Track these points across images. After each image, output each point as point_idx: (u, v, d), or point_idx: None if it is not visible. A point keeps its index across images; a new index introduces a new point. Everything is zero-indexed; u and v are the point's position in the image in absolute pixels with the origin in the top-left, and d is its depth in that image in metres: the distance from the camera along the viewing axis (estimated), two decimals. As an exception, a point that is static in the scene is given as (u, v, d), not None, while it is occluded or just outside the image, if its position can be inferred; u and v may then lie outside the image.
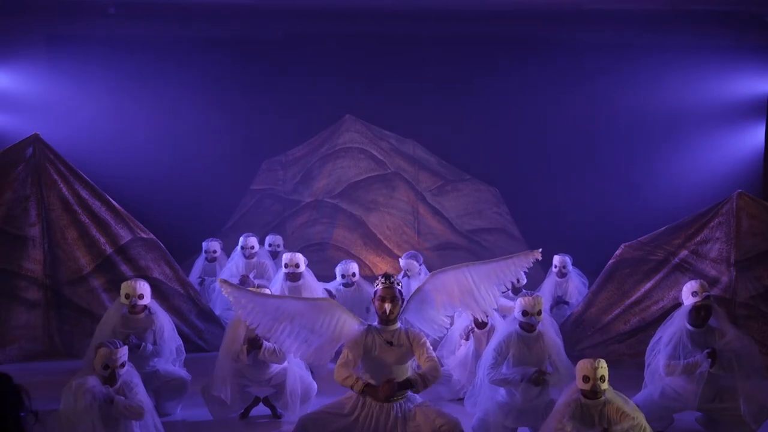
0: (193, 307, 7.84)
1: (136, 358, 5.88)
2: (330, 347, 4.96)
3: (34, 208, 7.58)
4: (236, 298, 4.91)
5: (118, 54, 9.58)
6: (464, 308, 5.18)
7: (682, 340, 5.75)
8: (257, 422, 6.17)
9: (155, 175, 9.54)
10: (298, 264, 7.38)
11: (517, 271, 5.11)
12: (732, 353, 5.66)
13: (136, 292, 6.01)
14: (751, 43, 9.54)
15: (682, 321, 5.81)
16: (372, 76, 9.91)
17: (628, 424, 4.58)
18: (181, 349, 6.35)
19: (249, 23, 9.79)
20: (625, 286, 7.48)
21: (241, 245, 8.31)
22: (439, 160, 10.21)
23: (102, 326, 6.10)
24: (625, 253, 7.52)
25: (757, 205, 7.36)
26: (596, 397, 4.69)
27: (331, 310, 4.92)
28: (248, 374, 6.00)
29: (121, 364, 4.91)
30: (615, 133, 9.91)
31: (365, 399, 4.81)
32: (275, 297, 5.64)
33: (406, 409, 4.80)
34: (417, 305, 5.03)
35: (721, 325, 5.82)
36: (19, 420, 2.95)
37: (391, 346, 4.77)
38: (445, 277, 5.04)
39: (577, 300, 8.06)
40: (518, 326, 5.61)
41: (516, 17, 9.52)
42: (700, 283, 5.89)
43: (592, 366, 4.69)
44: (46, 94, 9.50)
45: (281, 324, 4.88)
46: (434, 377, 4.76)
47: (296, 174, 10.16)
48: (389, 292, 4.83)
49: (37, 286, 7.60)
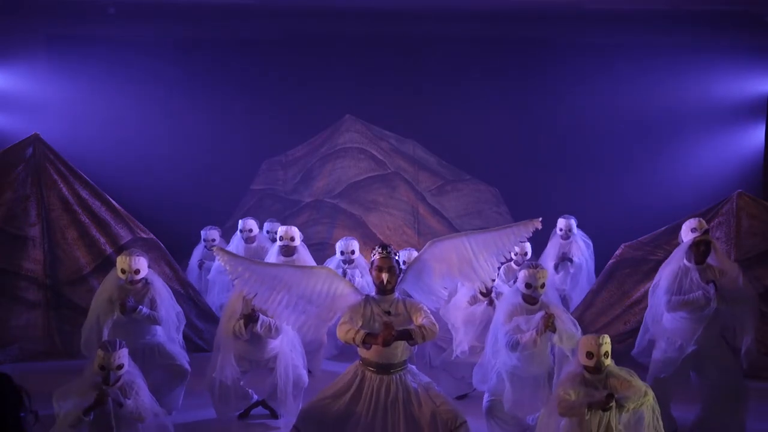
0: (192, 307, 7.85)
1: (136, 326, 5.88)
2: (327, 317, 4.91)
3: (34, 208, 7.58)
4: (233, 266, 4.83)
5: (118, 54, 9.57)
6: (463, 279, 5.11)
7: (682, 276, 5.74)
8: (257, 422, 6.17)
9: (155, 175, 9.54)
10: (293, 237, 7.32)
11: (517, 240, 5.05)
12: (732, 292, 5.68)
13: (131, 268, 5.97)
14: (751, 43, 9.53)
15: (681, 259, 5.81)
16: (372, 76, 9.90)
17: (631, 391, 4.56)
18: (181, 316, 6.33)
19: (249, 23, 9.77)
20: (625, 286, 7.49)
21: (240, 228, 8.28)
22: (439, 160, 10.20)
23: (98, 296, 6.09)
24: (625, 253, 7.52)
25: (757, 205, 7.37)
26: (599, 373, 4.68)
27: (329, 278, 4.87)
28: (247, 353, 5.99)
29: (117, 366, 4.90)
30: (615, 133, 9.90)
31: (364, 373, 4.79)
32: (272, 265, 5.55)
33: (407, 383, 4.77)
34: (415, 275, 4.98)
35: (721, 263, 5.83)
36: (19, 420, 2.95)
37: (389, 315, 4.74)
38: (444, 245, 4.98)
39: (581, 260, 8.11)
40: (521, 298, 5.57)
41: (516, 18, 9.51)
42: (698, 219, 5.93)
43: (596, 342, 4.66)
44: (46, 94, 9.49)
45: (279, 294, 4.83)
46: (432, 331, 4.68)
47: (296, 174, 10.15)
48: (386, 262, 4.80)
49: (37, 286, 7.60)
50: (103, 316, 5.95)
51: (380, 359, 4.74)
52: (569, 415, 4.60)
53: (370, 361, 4.77)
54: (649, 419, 4.63)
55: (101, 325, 5.94)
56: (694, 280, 5.69)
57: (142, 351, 5.98)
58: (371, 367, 4.77)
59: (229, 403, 6.06)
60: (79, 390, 4.80)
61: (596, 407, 4.51)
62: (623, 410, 4.54)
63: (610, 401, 4.49)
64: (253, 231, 8.30)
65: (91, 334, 5.99)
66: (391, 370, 4.76)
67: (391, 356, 4.74)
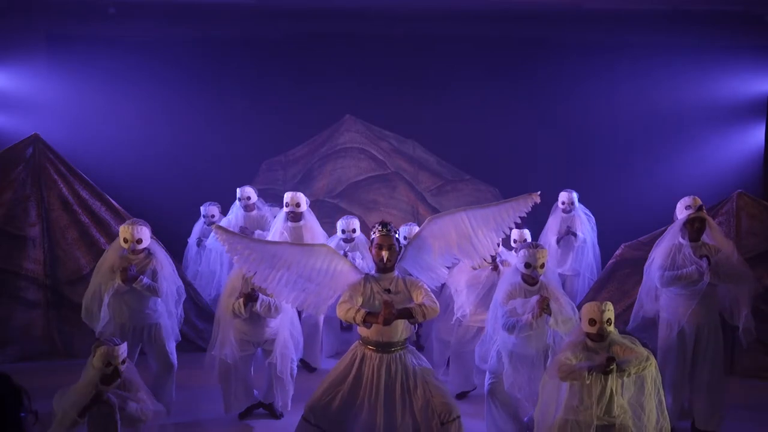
0: (192, 307, 7.84)
1: (136, 297, 5.86)
2: (327, 295, 4.90)
3: (34, 208, 7.58)
4: (231, 244, 4.81)
5: (118, 54, 9.56)
6: (462, 255, 5.08)
7: (675, 252, 5.78)
8: (257, 422, 6.17)
9: (155, 175, 9.53)
10: (299, 203, 7.34)
11: (516, 215, 5.02)
12: (727, 269, 5.71)
13: (134, 237, 5.94)
14: (751, 43, 9.53)
15: (675, 236, 5.82)
16: (372, 76, 9.90)
17: (633, 356, 4.54)
18: (181, 290, 6.32)
19: (249, 23, 9.77)
20: (625, 286, 7.48)
21: (238, 196, 8.23)
22: (439, 160, 10.20)
23: (100, 265, 6.08)
24: (625, 253, 7.52)
25: (757, 205, 7.38)
26: (602, 340, 4.65)
27: (329, 256, 4.86)
28: (246, 333, 5.98)
29: (122, 360, 4.88)
30: (615, 133, 9.89)
31: (364, 353, 4.79)
32: (271, 243, 5.54)
33: (407, 362, 4.77)
34: (414, 252, 4.97)
35: (717, 240, 5.84)
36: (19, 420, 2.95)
37: (389, 293, 4.73)
38: (443, 222, 4.98)
39: (585, 233, 8.10)
40: (520, 278, 5.55)
41: (516, 17, 9.50)
42: (692, 197, 5.97)
43: (599, 309, 4.63)
44: (46, 94, 9.48)
45: (278, 272, 4.81)
46: (433, 309, 4.68)
47: (296, 174, 10.15)
48: (386, 240, 4.79)
49: (37, 286, 7.60)
50: (105, 286, 5.92)
51: (380, 338, 4.73)
52: (569, 379, 4.56)
53: (370, 340, 4.76)
54: (650, 388, 4.62)
55: (102, 294, 5.91)
56: (687, 255, 5.72)
57: (140, 330, 5.99)
58: (371, 346, 4.76)
59: (230, 382, 6.01)
60: (78, 391, 4.79)
61: (597, 371, 4.48)
62: (624, 375, 4.52)
63: (611, 364, 4.46)
64: (252, 198, 8.25)
65: (93, 304, 5.98)
66: (392, 349, 4.76)
67: (392, 335, 4.73)
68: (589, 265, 8.25)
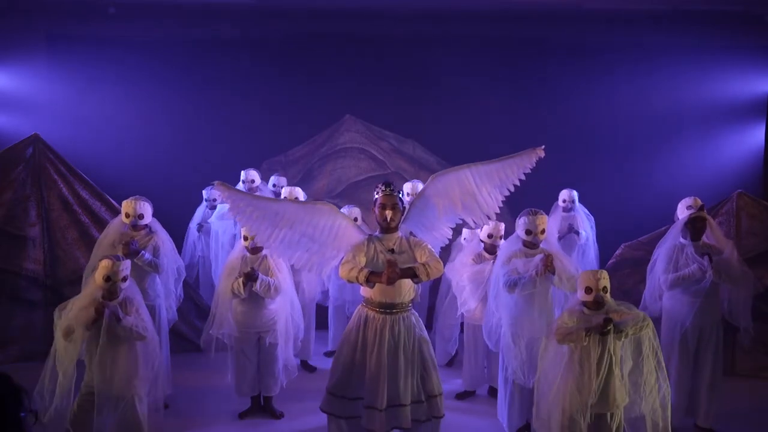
0: (192, 307, 7.84)
1: (136, 273, 5.87)
2: (330, 255, 4.87)
3: (34, 208, 7.57)
4: (234, 201, 4.78)
5: (118, 54, 9.56)
6: (466, 213, 5.05)
7: (677, 253, 5.79)
8: (257, 422, 6.17)
9: (155, 175, 9.52)
10: (297, 198, 7.34)
11: (520, 171, 5.01)
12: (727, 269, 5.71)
13: (136, 212, 5.96)
14: (751, 43, 9.53)
15: (677, 236, 5.83)
16: (372, 76, 9.89)
17: (629, 317, 4.53)
18: (181, 270, 6.34)
19: (249, 23, 9.77)
20: (625, 286, 7.49)
21: (242, 179, 8.25)
22: (439, 160, 10.18)
23: (101, 241, 6.09)
24: (625, 253, 7.53)
25: (757, 205, 7.38)
26: (599, 308, 4.64)
27: (332, 215, 4.84)
28: (244, 317, 5.95)
29: (123, 277, 4.82)
30: (614, 133, 9.89)
31: (367, 315, 4.77)
32: (274, 200, 5.50)
33: (410, 325, 4.76)
34: (418, 212, 4.95)
35: (718, 241, 5.85)
36: (19, 420, 2.95)
37: (393, 253, 4.70)
38: (446, 179, 4.96)
39: (587, 232, 8.10)
40: (521, 244, 5.52)
41: (515, 18, 9.50)
42: (693, 198, 5.99)
43: (595, 277, 4.63)
44: (46, 94, 9.49)
45: (281, 231, 4.78)
46: (437, 269, 4.67)
47: (296, 174, 10.14)
48: (390, 200, 4.78)
49: (37, 286, 7.59)
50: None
51: (384, 298, 4.71)
52: (567, 341, 4.55)
53: (373, 301, 4.74)
54: (648, 350, 4.61)
55: None
56: (689, 254, 5.72)
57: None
58: (374, 306, 4.74)
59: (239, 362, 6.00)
60: (79, 304, 4.76)
61: (594, 331, 4.47)
62: (622, 335, 4.51)
63: (608, 324, 4.46)
64: (255, 182, 8.27)
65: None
66: (395, 310, 4.74)
67: (395, 295, 4.70)
68: (591, 263, 8.26)
